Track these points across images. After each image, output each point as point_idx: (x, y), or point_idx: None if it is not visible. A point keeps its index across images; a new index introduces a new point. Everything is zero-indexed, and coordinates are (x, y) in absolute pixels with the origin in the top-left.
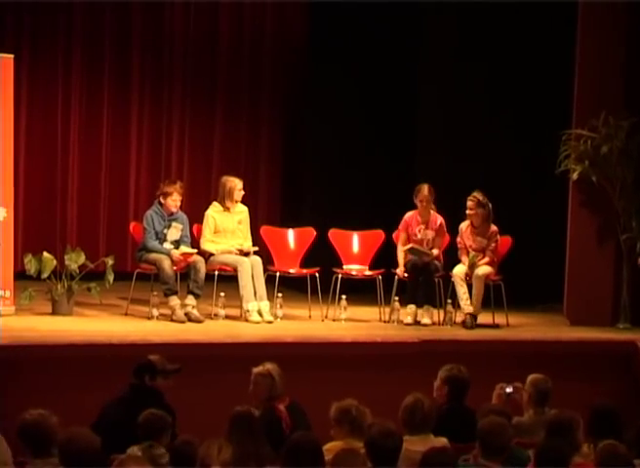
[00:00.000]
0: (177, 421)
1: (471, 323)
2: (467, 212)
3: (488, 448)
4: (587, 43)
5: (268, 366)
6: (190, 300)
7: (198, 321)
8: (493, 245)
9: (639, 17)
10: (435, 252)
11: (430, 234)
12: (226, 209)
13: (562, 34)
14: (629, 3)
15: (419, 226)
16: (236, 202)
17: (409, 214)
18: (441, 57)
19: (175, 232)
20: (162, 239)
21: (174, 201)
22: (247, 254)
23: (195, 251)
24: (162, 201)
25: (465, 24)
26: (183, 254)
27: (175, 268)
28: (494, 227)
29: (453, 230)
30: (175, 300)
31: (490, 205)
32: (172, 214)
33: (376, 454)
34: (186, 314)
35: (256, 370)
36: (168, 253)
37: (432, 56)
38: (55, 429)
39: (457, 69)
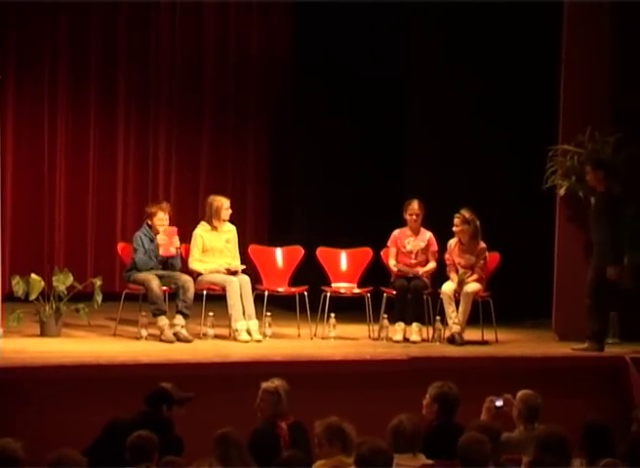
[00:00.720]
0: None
1: (460, 339)
2: (453, 228)
3: (467, 464)
4: (573, 58)
5: (277, 382)
6: (179, 320)
7: (187, 341)
8: (481, 262)
9: (625, 33)
10: (431, 265)
11: (419, 246)
12: (214, 228)
13: (548, 50)
14: (615, 19)
15: (407, 239)
16: (224, 221)
17: (398, 230)
18: (428, 74)
19: None
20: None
21: (160, 220)
22: (235, 273)
23: (175, 229)
24: (150, 223)
25: (452, 39)
26: (165, 232)
27: (164, 288)
28: (482, 244)
29: (441, 247)
30: (163, 320)
31: (477, 222)
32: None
33: None
34: (175, 334)
35: (264, 385)
36: (155, 255)
37: (419, 72)
38: (18, 454)
39: (444, 85)
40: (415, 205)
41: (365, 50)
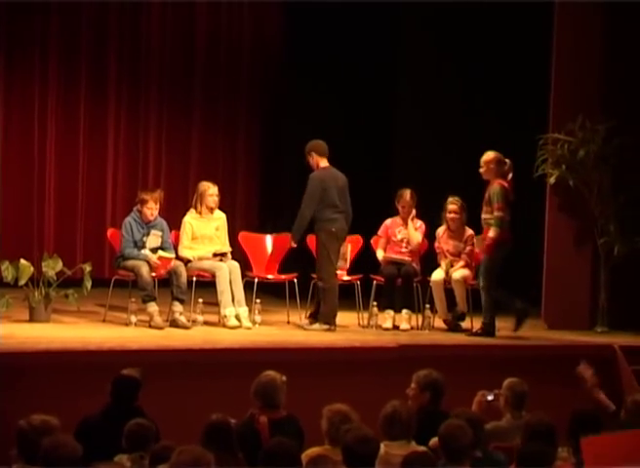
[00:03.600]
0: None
1: (454, 323)
2: (450, 215)
3: (449, 451)
4: (563, 47)
5: (269, 375)
6: (177, 307)
7: (185, 327)
8: (469, 248)
9: (615, 20)
10: (417, 238)
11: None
12: (199, 213)
13: (538, 38)
14: (606, 6)
15: (398, 228)
16: (212, 209)
17: (390, 220)
18: (419, 61)
19: (154, 239)
20: (141, 247)
21: (149, 209)
22: (223, 256)
23: (173, 256)
24: (140, 208)
25: (443, 29)
26: (161, 259)
27: (154, 275)
28: (469, 231)
29: (430, 235)
30: (153, 307)
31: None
32: (150, 221)
33: (352, 460)
34: (174, 320)
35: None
36: (145, 259)
37: (409, 60)
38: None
39: (434, 74)
40: (407, 196)
41: (355, 40)
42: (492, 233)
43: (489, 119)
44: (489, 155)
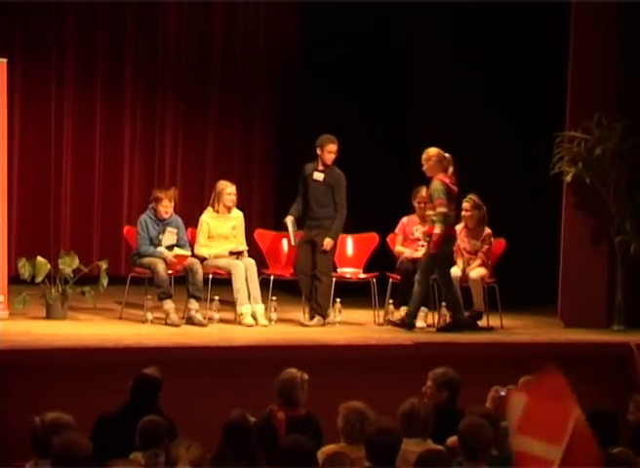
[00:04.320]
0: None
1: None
2: (463, 213)
3: (468, 449)
4: (580, 44)
5: (290, 372)
6: (193, 304)
7: (201, 324)
8: (486, 247)
9: (632, 18)
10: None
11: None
12: (218, 213)
13: (555, 36)
14: (622, 4)
15: (415, 226)
16: (229, 208)
17: (406, 218)
18: (435, 59)
19: (169, 237)
20: (157, 244)
21: (164, 207)
22: (239, 254)
23: (189, 253)
24: (154, 206)
25: (459, 28)
26: (177, 257)
27: (170, 272)
28: (488, 230)
29: None
30: (169, 304)
31: (484, 208)
32: (164, 219)
33: (374, 453)
34: (190, 318)
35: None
36: (161, 257)
37: (426, 58)
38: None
39: (450, 72)
40: (423, 192)
41: (370, 40)
42: (437, 229)
43: (506, 117)
44: (429, 152)
